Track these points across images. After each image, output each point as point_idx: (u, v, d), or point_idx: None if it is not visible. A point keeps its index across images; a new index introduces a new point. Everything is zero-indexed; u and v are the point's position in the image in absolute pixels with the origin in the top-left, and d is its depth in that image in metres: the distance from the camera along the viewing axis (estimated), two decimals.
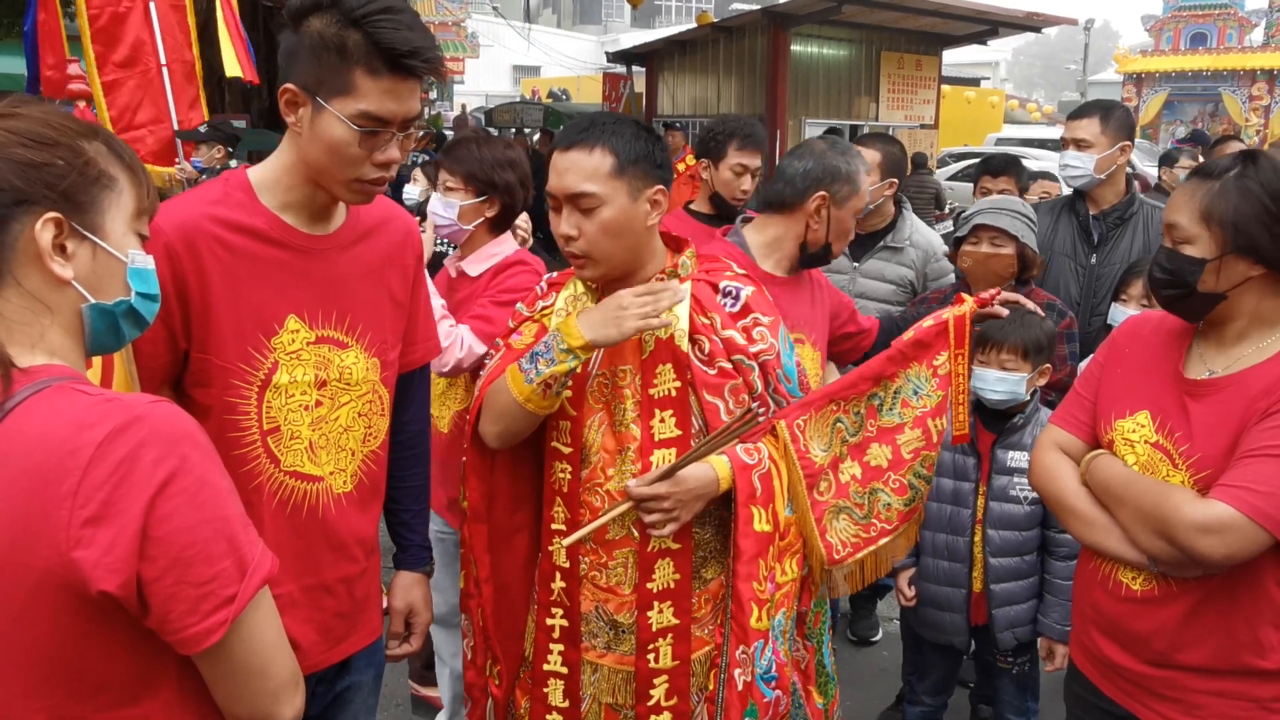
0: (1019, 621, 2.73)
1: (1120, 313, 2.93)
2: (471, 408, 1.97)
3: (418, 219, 2.14)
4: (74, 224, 1.11)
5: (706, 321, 1.89)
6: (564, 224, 1.81)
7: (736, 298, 1.93)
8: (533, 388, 1.80)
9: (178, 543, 1.03)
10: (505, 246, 2.77)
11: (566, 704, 1.94)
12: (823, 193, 2.39)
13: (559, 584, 1.92)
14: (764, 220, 2.51)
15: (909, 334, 1.99)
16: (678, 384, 1.85)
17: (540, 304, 2.00)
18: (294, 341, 1.64)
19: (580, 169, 1.78)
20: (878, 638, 3.93)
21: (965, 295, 2.04)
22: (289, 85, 1.55)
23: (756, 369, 1.89)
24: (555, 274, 2.07)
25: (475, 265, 2.74)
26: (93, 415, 1.03)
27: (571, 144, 1.80)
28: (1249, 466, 1.60)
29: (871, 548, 1.95)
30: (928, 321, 1.99)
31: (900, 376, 1.98)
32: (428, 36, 1.56)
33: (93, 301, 1.13)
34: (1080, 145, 3.33)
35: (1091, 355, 2.90)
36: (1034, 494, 2.31)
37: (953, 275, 3.47)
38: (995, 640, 2.74)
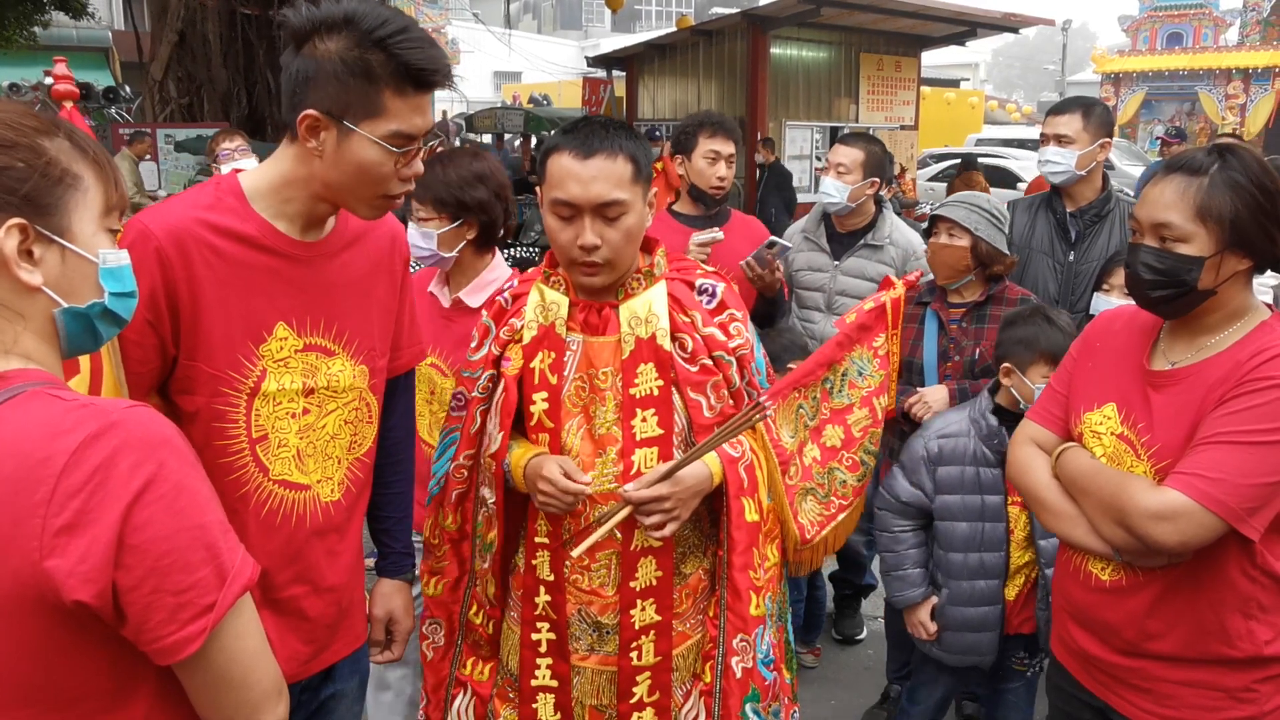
0: None
1: (1103, 303, 2.94)
2: (497, 452, 1.93)
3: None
4: (39, 228, 1.07)
5: (687, 320, 1.89)
6: (587, 234, 1.78)
7: (713, 295, 1.94)
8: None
9: (154, 551, 1.01)
10: (500, 271, 2.59)
11: (558, 717, 1.93)
12: None
13: (544, 598, 1.92)
14: None
15: (851, 317, 2.06)
16: (660, 383, 1.85)
17: (515, 322, 1.96)
18: (282, 349, 1.63)
19: (609, 177, 1.77)
20: (862, 636, 3.94)
21: (893, 279, 2.09)
22: (310, 111, 1.51)
23: (735, 364, 1.90)
24: (515, 283, 2.05)
25: (475, 296, 2.54)
26: (67, 421, 1.01)
27: (592, 152, 1.77)
28: (1202, 453, 1.62)
29: (832, 524, 2.01)
30: (867, 304, 2.07)
31: (846, 360, 2.07)
32: (440, 50, 1.57)
33: (65, 306, 1.11)
34: (1062, 141, 3.32)
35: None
36: None
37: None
38: (1040, 646, 2.64)
